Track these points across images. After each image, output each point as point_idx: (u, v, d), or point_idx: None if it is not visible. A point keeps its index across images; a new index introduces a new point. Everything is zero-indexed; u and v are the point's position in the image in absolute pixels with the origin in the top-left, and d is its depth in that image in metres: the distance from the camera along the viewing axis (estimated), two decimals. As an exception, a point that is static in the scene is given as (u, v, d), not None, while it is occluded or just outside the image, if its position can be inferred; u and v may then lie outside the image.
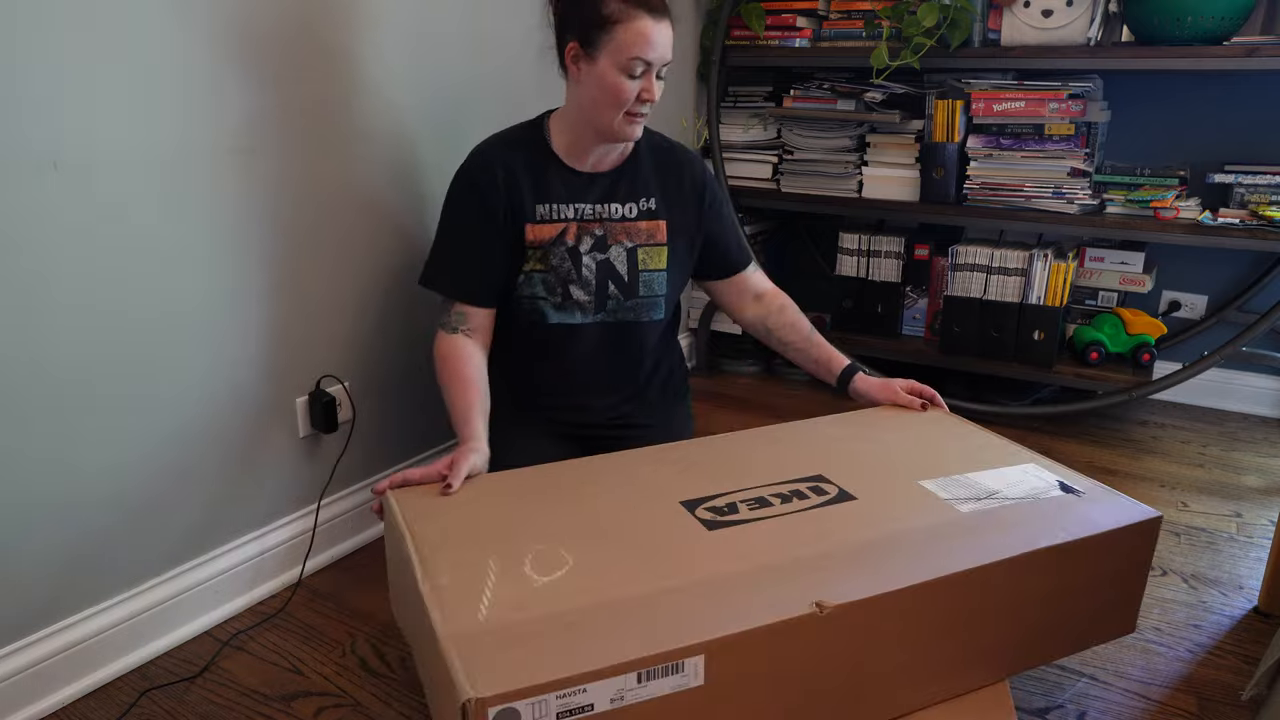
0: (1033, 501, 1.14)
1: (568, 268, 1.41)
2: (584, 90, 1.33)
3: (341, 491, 1.56)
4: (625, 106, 1.32)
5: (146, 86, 1.16)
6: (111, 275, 1.16)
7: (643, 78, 1.31)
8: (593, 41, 1.29)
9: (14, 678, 1.13)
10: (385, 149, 1.53)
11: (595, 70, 1.30)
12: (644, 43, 1.28)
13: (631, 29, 1.27)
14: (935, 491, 1.16)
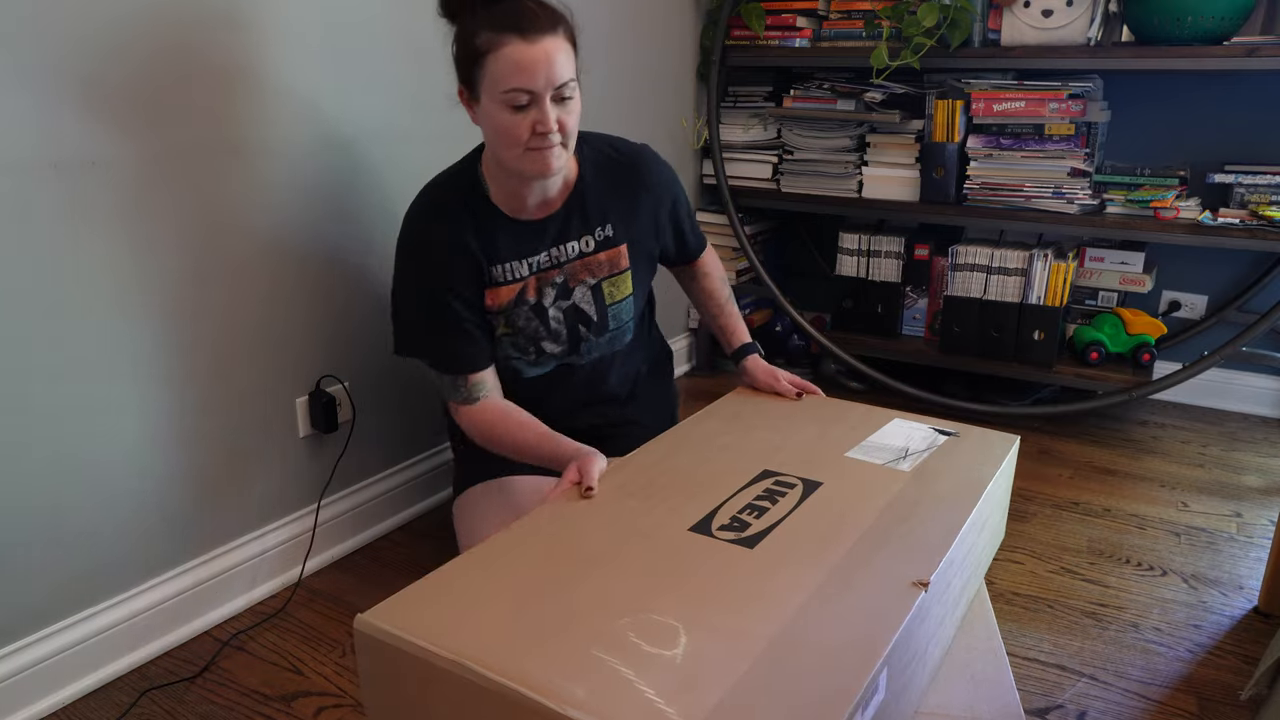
0: (938, 449, 1.36)
1: (535, 326, 1.35)
2: (485, 134, 1.22)
3: (341, 491, 1.56)
4: (523, 144, 1.18)
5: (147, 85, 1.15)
6: (111, 276, 1.16)
7: (533, 108, 1.16)
8: (472, 81, 1.18)
9: (14, 678, 1.13)
10: (385, 149, 1.53)
11: (483, 111, 1.19)
12: (517, 72, 1.13)
13: (501, 58, 1.13)
14: (868, 460, 1.30)
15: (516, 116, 1.16)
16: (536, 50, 1.14)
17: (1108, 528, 1.68)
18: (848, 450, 1.33)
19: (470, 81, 1.19)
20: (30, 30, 1.03)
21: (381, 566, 1.54)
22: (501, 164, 1.24)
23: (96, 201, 1.13)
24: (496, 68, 1.14)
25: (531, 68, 1.14)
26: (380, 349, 1.59)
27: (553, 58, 1.15)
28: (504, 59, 1.14)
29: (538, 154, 1.20)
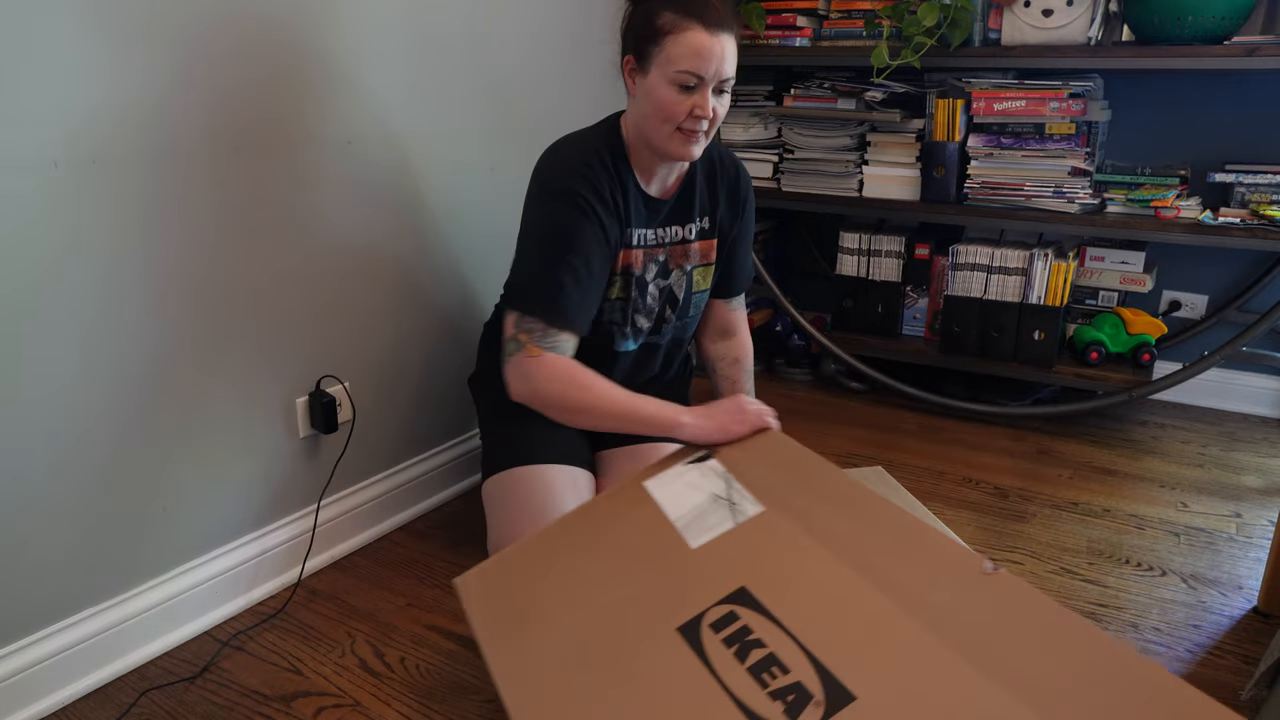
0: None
1: (635, 295, 1.42)
2: (639, 105, 1.29)
3: (341, 492, 1.56)
4: (676, 123, 1.26)
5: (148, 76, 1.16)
6: (111, 276, 1.16)
7: (695, 93, 1.25)
8: (645, 55, 1.26)
9: (14, 678, 1.13)
10: (384, 149, 1.53)
11: (647, 84, 1.26)
12: (694, 56, 1.22)
13: (682, 41, 1.22)
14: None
15: (680, 96, 1.25)
16: (715, 42, 1.23)
17: (1107, 528, 1.68)
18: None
19: (643, 55, 1.26)
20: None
21: (381, 567, 1.54)
22: (646, 138, 1.30)
23: (97, 201, 1.13)
24: (676, 49, 1.23)
25: (708, 55, 1.23)
26: (380, 349, 1.59)
27: (726, 52, 1.25)
28: (685, 42, 1.22)
29: (687, 136, 1.28)
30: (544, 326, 1.28)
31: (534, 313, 1.28)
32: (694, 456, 1.21)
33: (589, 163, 1.31)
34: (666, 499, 1.15)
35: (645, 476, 1.20)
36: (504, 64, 1.75)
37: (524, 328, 1.28)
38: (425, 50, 1.57)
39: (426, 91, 1.59)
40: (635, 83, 1.29)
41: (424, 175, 1.62)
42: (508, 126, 1.78)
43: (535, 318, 1.27)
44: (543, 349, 1.28)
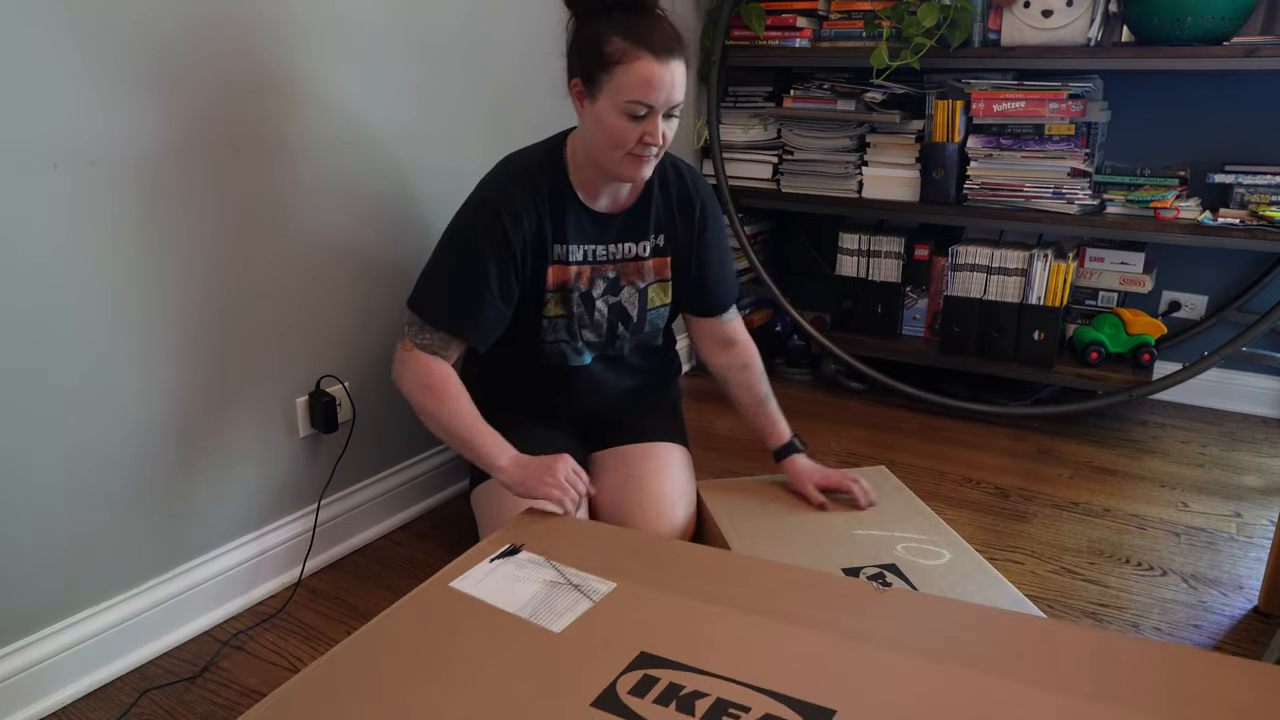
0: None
1: (580, 312, 1.41)
2: (587, 128, 1.28)
3: (341, 492, 1.56)
4: (626, 149, 1.26)
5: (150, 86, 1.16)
6: (111, 276, 1.16)
7: (646, 120, 1.24)
8: (594, 81, 1.24)
9: (14, 678, 1.13)
10: (384, 150, 1.53)
11: (596, 111, 1.25)
12: (644, 86, 1.21)
13: (632, 70, 1.20)
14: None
15: (629, 124, 1.24)
16: (665, 71, 1.21)
17: (1108, 528, 1.68)
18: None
19: (592, 80, 1.24)
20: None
21: (382, 567, 1.54)
22: (594, 160, 1.31)
23: (97, 201, 1.13)
24: (626, 78, 1.21)
25: (658, 85, 1.21)
26: (381, 349, 1.59)
27: (676, 79, 1.23)
28: (635, 72, 1.20)
29: (636, 160, 1.28)
30: (421, 323, 1.32)
31: (416, 307, 1.33)
32: (497, 552, 1.13)
33: (519, 176, 1.33)
34: (491, 595, 1.03)
35: (449, 578, 1.07)
36: (503, 65, 1.75)
37: (408, 319, 1.34)
38: (424, 51, 1.57)
39: (426, 93, 1.59)
40: (583, 106, 1.28)
41: (423, 176, 1.62)
42: (507, 128, 1.78)
43: (416, 313, 1.33)
44: (416, 345, 1.32)
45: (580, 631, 0.96)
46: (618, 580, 1.04)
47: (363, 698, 0.88)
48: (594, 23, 1.23)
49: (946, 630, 0.93)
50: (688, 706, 0.83)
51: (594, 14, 1.24)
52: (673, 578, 1.05)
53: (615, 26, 1.21)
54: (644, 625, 0.96)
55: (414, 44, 1.54)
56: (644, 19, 1.23)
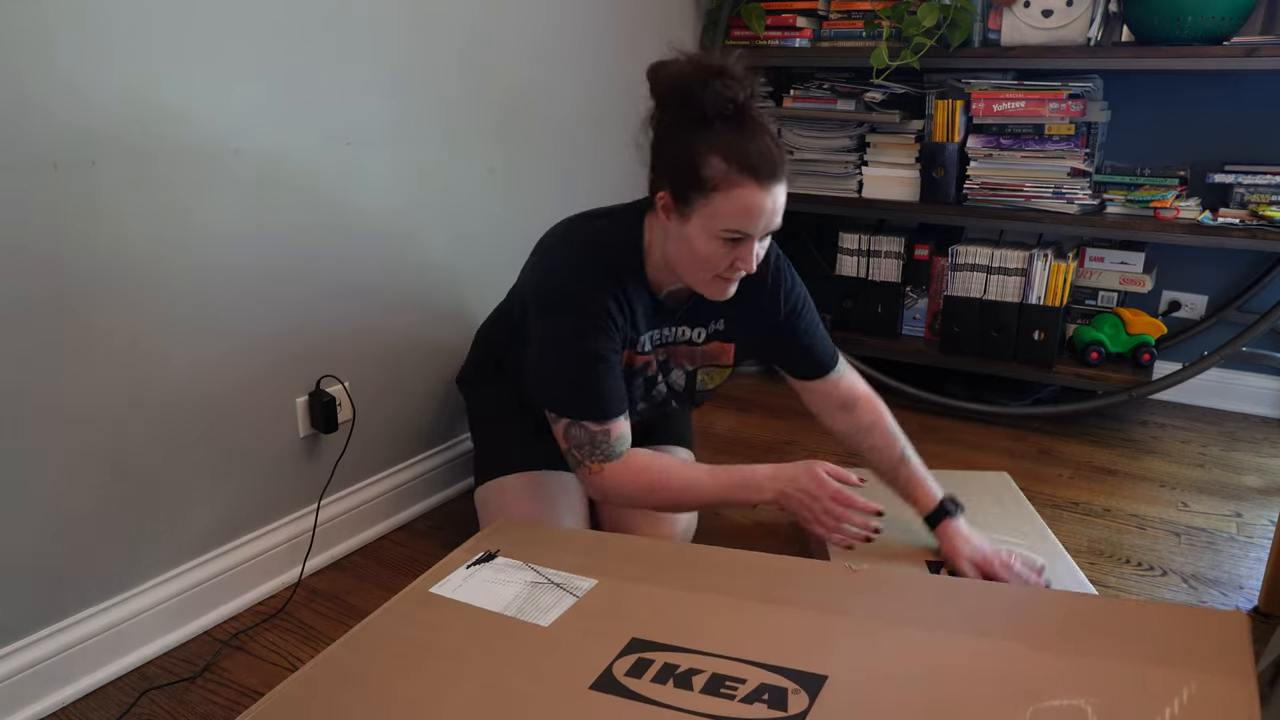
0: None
1: (640, 391, 1.37)
2: (674, 243, 1.19)
3: (341, 492, 1.56)
4: (716, 272, 1.17)
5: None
6: (111, 275, 1.16)
7: (741, 245, 1.15)
8: (687, 200, 1.13)
9: (14, 678, 1.13)
10: (383, 150, 1.53)
11: (686, 231, 1.15)
12: (746, 215, 1.11)
13: (733, 198, 1.10)
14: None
15: (722, 249, 1.15)
16: (768, 199, 1.12)
17: (1108, 528, 1.68)
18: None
19: (685, 200, 1.14)
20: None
21: (382, 567, 1.54)
22: (676, 271, 1.23)
23: (94, 200, 1.13)
24: (725, 206, 1.11)
25: (758, 215, 1.12)
26: (380, 349, 1.59)
27: (778, 205, 1.15)
28: (736, 200, 1.11)
29: (724, 283, 1.20)
30: (596, 431, 1.21)
31: (579, 414, 1.21)
32: (473, 559, 1.13)
33: (601, 270, 1.23)
34: (474, 597, 1.04)
35: (428, 584, 1.08)
36: (503, 65, 1.75)
37: (575, 442, 1.22)
38: (425, 51, 1.57)
39: (425, 92, 1.59)
40: (670, 220, 1.18)
41: (423, 176, 1.62)
42: (506, 127, 1.78)
43: (583, 420, 1.21)
44: (600, 462, 1.22)
45: (568, 624, 0.97)
46: (599, 578, 1.05)
47: (358, 695, 0.89)
48: (690, 133, 1.13)
49: (921, 601, 0.98)
50: (685, 683, 0.85)
51: (691, 124, 1.13)
52: (653, 573, 1.06)
53: (716, 143, 1.11)
54: (631, 615, 0.97)
55: (415, 42, 1.54)
56: (748, 137, 1.12)
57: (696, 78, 1.13)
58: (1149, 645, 0.85)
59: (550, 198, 1.93)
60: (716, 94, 1.12)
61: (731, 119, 1.13)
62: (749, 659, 0.88)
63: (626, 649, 0.91)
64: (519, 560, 1.12)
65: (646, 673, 0.87)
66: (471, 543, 1.19)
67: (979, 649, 0.88)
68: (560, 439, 1.25)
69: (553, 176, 1.92)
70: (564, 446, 1.25)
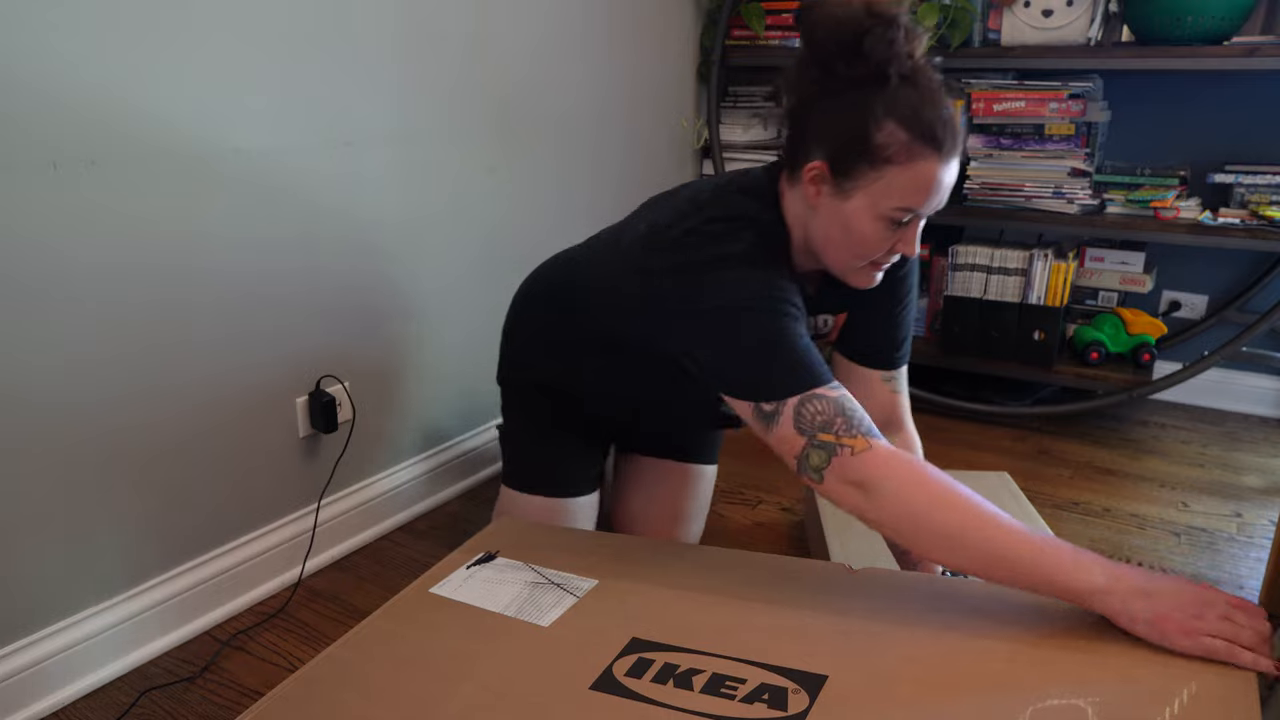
0: None
1: None
2: (819, 220, 1.02)
3: (341, 491, 1.56)
4: (871, 258, 1.02)
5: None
6: (111, 275, 1.16)
7: (906, 228, 1.00)
8: (849, 173, 0.97)
9: (14, 678, 1.13)
10: (383, 150, 1.53)
11: (843, 208, 0.99)
12: (921, 191, 0.96)
13: (911, 172, 0.95)
14: None
15: (885, 231, 0.99)
16: (946, 173, 0.97)
17: (1108, 528, 1.68)
18: None
19: (846, 171, 0.97)
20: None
21: (382, 567, 1.54)
22: (821, 255, 1.06)
23: (93, 201, 1.13)
24: (900, 180, 0.95)
25: (934, 190, 0.97)
26: (380, 349, 1.59)
27: (951, 181, 0.99)
28: (915, 174, 0.95)
29: (874, 270, 1.05)
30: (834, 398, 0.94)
31: (809, 383, 0.94)
32: (472, 560, 1.11)
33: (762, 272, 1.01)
34: (474, 598, 1.03)
35: (428, 584, 1.07)
36: (503, 65, 1.75)
37: (817, 421, 0.93)
38: (425, 51, 1.57)
39: (426, 92, 1.59)
40: (821, 195, 1.01)
41: (422, 175, 1.62)
42: (506, 127, 1.78)
43: (815, 389, 0.94)
44: (864, 435, 0.92)
45: (568, 624, 0.97)
46: (599, 578, 1.05)
47: (358, 694, 0.89)
48: (860, 93, 0.96)
49: (921, 600, 0.97)
50: (685, 683, 0.85)
51: (860, 83, 0.96)
52: (654, 572, 1.06)
53: (892, 107, 0.94)
54: (632, 615, 0.97)
55: (414, 42, 1.54)
56: (928, 101, 0.95)
57: (868, 25, 0.94)
58: (1149, 644, 0.86)
59: (551, 198, 1.93)
60: (894, 47, 0.94)
61: (909, 78, 0.96)
62: (749, 659, 0.88)
63: (627, 649, 0.91)
64: (519, 561, 1.12)
65: (647, 673, 0.87)
66: (472, 543, 1.18)
67: (978, 648, 0.88)
68: (789, 432, 0.94)
69: (553, 176, 1.93)
70: (796, 446, 0.94)
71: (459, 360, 1.77)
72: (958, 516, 0.87)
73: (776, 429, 0.95)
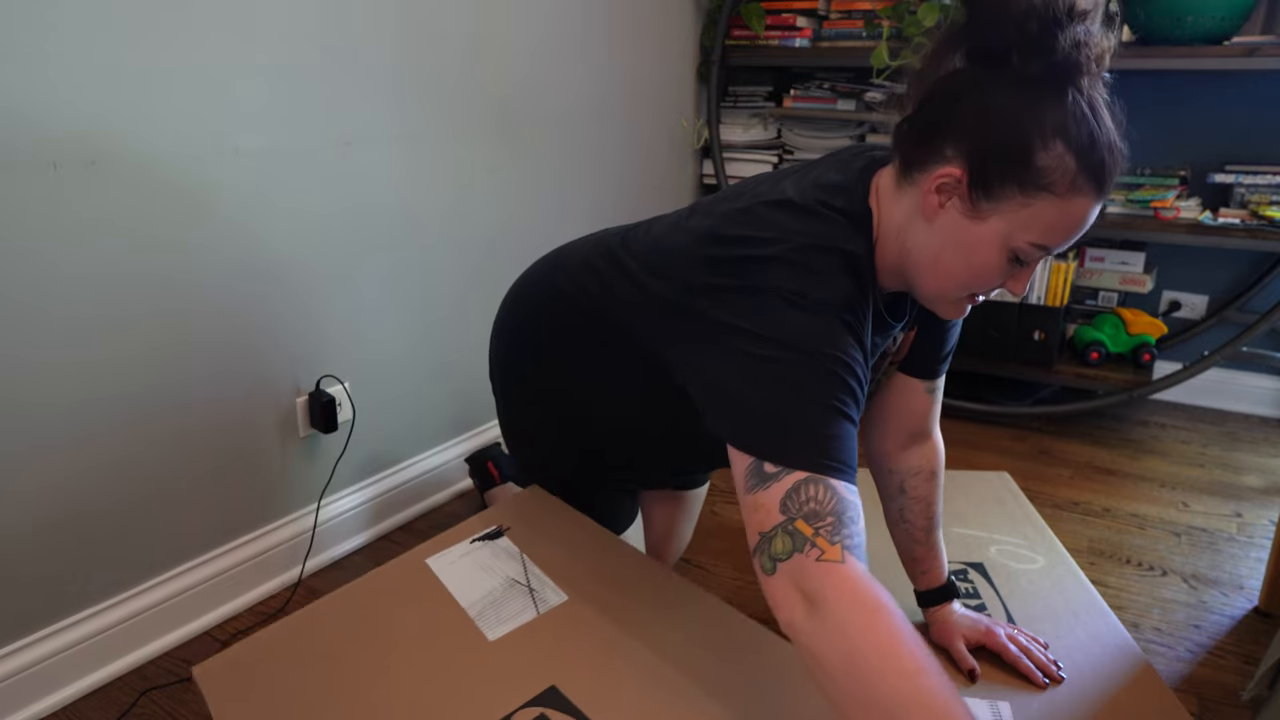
0: None
1: None
2: (932, 237, 0.86)
3: (341, 492, 1.56)
4: (977, 289, 0.88)
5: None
6: (111, 275, 1.16)
7: (1027, 266, 0.87)
8: (993, 191, 0.81)
9: (14, 678, 1.13)
10: (383, 150, 1.53)
11: (969, 230, 0.83)
12: (1068, 231, 0.83)
13: (1067, 208, 0.81)
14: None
15: (1007, 265, 0.85)
16: (1095, 211, 0.85)
17: (1108, 528, 1.68)
18: None
19: (989, 190, 0.81)
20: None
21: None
22: (914, 279, 0.90)
23: (93, 201, 1.13)
24: (1052, 215, 0.81)
25: (1078, 231, 0.84)
26: (380, 349, 1.59)
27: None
28: (1070, 211, 0.82)
29: (969, 303, 0.92)
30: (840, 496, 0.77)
31: (819, 465, 0.77)
32: (483, 533, 1.11)
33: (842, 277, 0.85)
34: (454, 581, 1.04)
35: (429, 552, 1.07)
36: (504, 64, 1.75)
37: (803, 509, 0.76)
38: (425, 50, 1.57)
39: (426, 92, 1.59)
40: (946, 209, 0.84)
41: (423, 175, 1.62)
42: (507, 127, 1.78)
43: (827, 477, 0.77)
44: (845, 550, 0.75)
45: (509, 646, 0.96)
46: (573, 593, 1.03)
47: (296, 663, 0.94)
48: (1031, 100, 0.80)
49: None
50: None
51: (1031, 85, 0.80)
52: (621, 604, 1.02)
53: (1065, 124, 0.80)
54: (568, 654, 0.95)
55: (415, 42, 1.54)
56: (1102, 125, 0.83)
57: (1060, 15, 0.77)
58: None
59: (551, 196, 1.93)
60: (1088, 50, 0.79)
61: (1088, 93, 0.82)
62: None
63: (537, 699, 0.89)
64: (518, 548, 1.10)
65: None
66: (487, 513, 1.16)
67: None
68: (771, 503, 0.77)
69: (553, 176, 1.93)
70: (768, 522, 0.77)
71: (459, 360, 1.77)
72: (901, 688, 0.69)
73: (761, 494, 0.78)
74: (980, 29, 0.81)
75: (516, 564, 1.08)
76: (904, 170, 0.87)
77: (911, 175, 0.86)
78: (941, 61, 0.85)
